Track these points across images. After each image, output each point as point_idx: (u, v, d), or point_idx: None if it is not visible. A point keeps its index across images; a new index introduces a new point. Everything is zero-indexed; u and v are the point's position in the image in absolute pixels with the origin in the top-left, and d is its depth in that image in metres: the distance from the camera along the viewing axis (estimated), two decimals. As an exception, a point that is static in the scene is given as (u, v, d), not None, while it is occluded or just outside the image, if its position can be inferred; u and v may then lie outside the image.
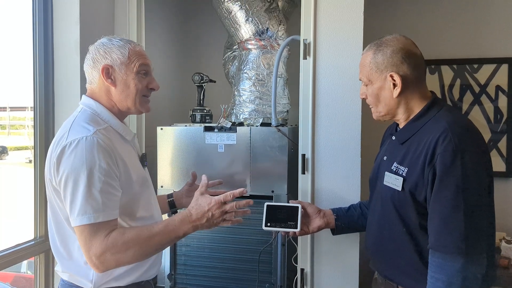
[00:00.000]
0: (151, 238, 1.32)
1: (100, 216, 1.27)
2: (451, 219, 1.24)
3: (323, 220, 1.68)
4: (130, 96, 1.43)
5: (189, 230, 1.37)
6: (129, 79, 1.42)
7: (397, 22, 2.88)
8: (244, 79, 2.24)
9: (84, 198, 1.26)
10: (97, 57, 1.42)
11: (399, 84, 1.38)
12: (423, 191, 1.31)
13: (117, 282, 1.40)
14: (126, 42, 1.45)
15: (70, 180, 1.27)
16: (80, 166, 1.27)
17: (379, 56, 1.40)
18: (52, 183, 1.35)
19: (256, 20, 2.21)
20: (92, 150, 1.29)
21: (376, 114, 1.49)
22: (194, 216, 1.37)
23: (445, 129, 1.28)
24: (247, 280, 2.06)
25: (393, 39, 1.41)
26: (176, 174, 2.14)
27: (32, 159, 2.07)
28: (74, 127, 1.35)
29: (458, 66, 2.81)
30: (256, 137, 2.03)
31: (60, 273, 1.44)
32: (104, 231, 1.27)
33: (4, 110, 4.05)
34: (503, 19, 2.74)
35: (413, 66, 1.38)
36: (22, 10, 2.09)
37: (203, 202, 1.38)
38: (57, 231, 1.41)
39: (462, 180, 1.23)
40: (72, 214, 1.28)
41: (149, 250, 1.34)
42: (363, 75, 1.46)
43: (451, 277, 1.23)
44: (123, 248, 1.28)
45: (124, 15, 2.25)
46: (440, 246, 1.26)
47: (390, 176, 1.41)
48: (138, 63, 1.43)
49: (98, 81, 1.44)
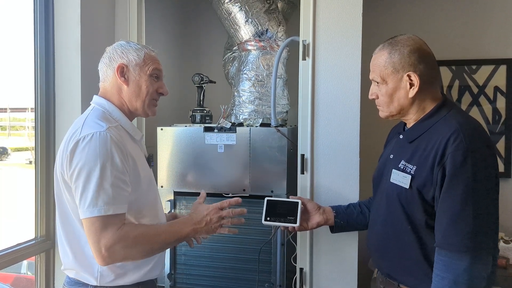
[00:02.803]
0: (158, 236, 1.38)
1: (110, 209, 1.29)
2: (459, 218, 1.24)
3: (323, 217, 1.69)
4: (141, 97, 1.49)
5: (191, 232, 1.46)
6: (141, 81, 1.48)
7: (396, 23, 2.89)
8: (244, 79, 2.26)
9: (96, 191, 1.29)
10: (114, 56, 1.47)
11: (416, 84, 1.37)
12: (431, 189, 1.31)
13: (122, 280, 1.42)
14: (143, 47, 1.52)
15: (83, 173, 1.30)
16: (94, 159, 1.30)
17: (395, 56, 1.38)
18: (63, 177, 1.36)
19: (256, 21, 2.22)
20: (106, 145, 1.32)
21: (385, 114, 1.47)
22: (194, 220, 1.47)
23: (456, 129, 1.28)
24: (246, 279, 2.06)
25: (408, 39, 1.40)
26: (176, 175, 2.15)
27: (32, 160, 2.08)
28: (87, 123, 1.38)
29: (457, 67, 2.83)
30: (256, 138, 2.05)
31: (66, 271, 1.46)
32: (115, 223, 1.31)
33: (4, 111, 4.06)
34: (501, 21, 2.75)
35: (429, 66, 1.38)
36: (23, 11, 2.10)
37: (202, 208, 1.51)
38: (63, 227, 1.43)
39: (472, 179, 1.24)
40: (82, 206, 1.30)
41: (155, 248, 1.40)
42: (376, 75, 1.43)
43: (458, 276, 1.23)
44: (133, 243, 1.32)
45: (125, 16, 2.26)
46: (447, 244, 1.26)
47: (398, 174, 1.40)
48: (152, 66, 1.49)
49: (112, 78, 1.48)
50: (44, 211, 2.04)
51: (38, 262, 2.06)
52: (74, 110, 2.02)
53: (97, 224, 1.29)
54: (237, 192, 2.04)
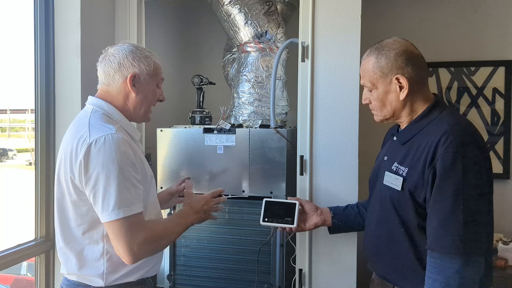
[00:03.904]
0: (174, 228, 1.50)
1: (135, 208, 1.34)
2: (450, 220, 1.24)
3: (320, 218, 1.70)
4: (145, 105, 1.52)
5: (194, 221, 1.59)
6: (149, 90, 1.51)
7: (395, 25, 2.90)
8: (243, 81, 2.26)
9: (119, 193, 1.30)
10: (125, 63, 1.46)
11: (406, 86, 1.37)
12: (422, 191, 1.31)
13: (128, 278, 1.44)
14: (149, 54, 1.52)
15: (102, 177, 1.30)
16: (111, 162, 1.31)
17: (382, 60, 1.39)
18: (74, 181, 1.36)
19: (255, 23, 2.23)
20: (119, 146, 1.33)
21: (379, 118, 1.48)
22: (194, 209, 1.60)
23: (447, 130, 1.28)
24: (246, 280, 2.07)
25: (394, 42, 1.41)
26: (176, 176, 2.15)
27: (32, 162, 2.09)
28: (93, 125, 1.38)
29: (456, 69, 2.83)
30: (255, 139, 2.05)
31: (69, 275, 1.46)
32: (141, 221, 1.36)
33: (4, 113, 4.06)
34: (500, 22, 2.76)
35: (417, 67, 1.39)
36: (23, 12, 2.11)
37: (198, 198, 1.64)
38: (63, 233, 1.43)
39: (462, 181, 1.23)
40: (106, 209, 1.31)
41: (172, 239, 1.54)
42: (366, 80, 1.44)
43: (449, 278, 1.23)
44: (159, 237, 1.42)
45: (125, 18, 2.27)
46: (438, 247, 1.25)
47: (390, 176, 1.41)
48: (160, 77, 1.55)
49: (120, 85, 1.47)
50: (44, 212, 2.05)
51: (38, 263, 2.06)
52: (74, 112, 2.02)
53: (126, 224, 1.31)
54: (236, 193, 2.05)
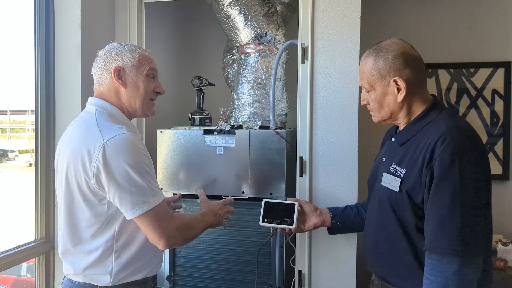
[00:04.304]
0: (199, 223, 1.54)
1: (159, 198, 1.38)
2: (447, 222, 1.24)
3: (319, 219, 1.70)
4: (139, 98, 1.50)
5: (213, 222, 1.63)
6: (138, 82, 1.49)
7: (394, 26, 2.90)
8: (243, 82, 2.27)
9: (141, 187, 1.34)
10: (108, 59, 1.47)
11: (403, 88, 1.38)
12: (420, 192, 1.31)
13: (134, 277, 1.45)
14: (136, 47, 1.52)
15: (124, 174, 1.32)
16: (130, 159, 1.33)
17: (380, 62, 1.39)
18: (88, 182, 1.35)
19: (255, 25, 2.23)
20: (134, 144, 1.36)
21: (377, 119, 1.48)
22: (213, 212, 1.65)
23: (444, 131, 1.28)
24: (245, 281, 2.07)
25: (393, 44, 1.41)
26: (176, 177, 2.15)
27: (32, 163, 2.09)
28: (104, 126, 1.38)
29: (455, 70, 2.83)
30: (255, 140, 2.05)
31: (75, 276, 1.45)
32: (168, 209, 1.43)
33: (4, 114, 4.06)
34: (499, 24, 2.76)
35: (415, 69, 1.39)
36: (23, 13, 2.12)
37: (214, 203, 1.71)
38: (73, 234, 1.42)
39: (459, 183, 1.23)
40: (135, 204, 1.34)
41: (198, 233, 1.54)
42: (364, 82, 1.45)
43: (446, 280, 1.23)
44: (188, 227, 1.48)
45: (125, 19, 2.27)
46: (436, 248, 1.26)
47: (388, 177, 1.41)
48: (148, 66, 1.51)
49: (108, 82, 1.48)
50: (44, 214, 2.05)
51: (38, 264, 2.06)
52: (74, 113, 2.02)
53: (158, 213, 1.37)
54: (236, 195, 2.05)
